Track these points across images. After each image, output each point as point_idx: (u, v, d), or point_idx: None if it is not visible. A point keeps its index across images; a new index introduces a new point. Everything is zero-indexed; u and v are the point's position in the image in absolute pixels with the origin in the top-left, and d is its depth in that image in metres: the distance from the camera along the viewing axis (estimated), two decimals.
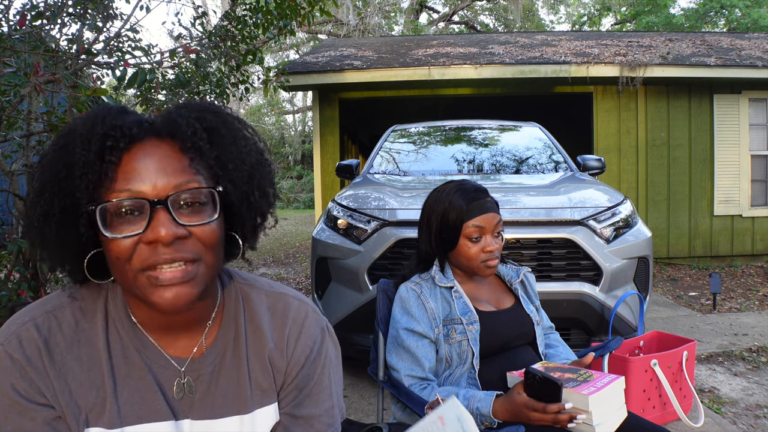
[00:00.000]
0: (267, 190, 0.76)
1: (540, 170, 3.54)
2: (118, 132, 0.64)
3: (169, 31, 9.67)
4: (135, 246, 0.64)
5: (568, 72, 6.25)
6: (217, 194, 0.69)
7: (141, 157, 0.65)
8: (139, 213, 0.64)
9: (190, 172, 0.67)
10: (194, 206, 0.67)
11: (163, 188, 0.65)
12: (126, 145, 0.65)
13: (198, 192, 0.67)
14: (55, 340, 0.69)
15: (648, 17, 17.39)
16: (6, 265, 2.32)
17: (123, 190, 0.64)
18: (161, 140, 0.68)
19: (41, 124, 2.32)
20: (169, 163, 0.66)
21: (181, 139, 0.68)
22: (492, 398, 1.20)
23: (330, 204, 2.89)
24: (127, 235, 0.64)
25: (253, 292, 0.83)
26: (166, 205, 0.64)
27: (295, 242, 9.75)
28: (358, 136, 11.71)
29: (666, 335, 2.52)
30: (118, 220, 0.64)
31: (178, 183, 0.66)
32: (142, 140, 0.67)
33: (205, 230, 0.67)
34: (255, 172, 0.73)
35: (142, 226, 0.64)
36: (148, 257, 0.64)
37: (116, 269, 0.66)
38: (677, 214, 6.62)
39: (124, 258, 0.64)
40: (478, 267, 1.39)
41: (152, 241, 0.64)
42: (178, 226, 0.65)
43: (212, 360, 0.77)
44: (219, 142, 0.71)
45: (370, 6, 15.39)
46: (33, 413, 0.66)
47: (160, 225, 0.64)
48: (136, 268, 0.64)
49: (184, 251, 0.65)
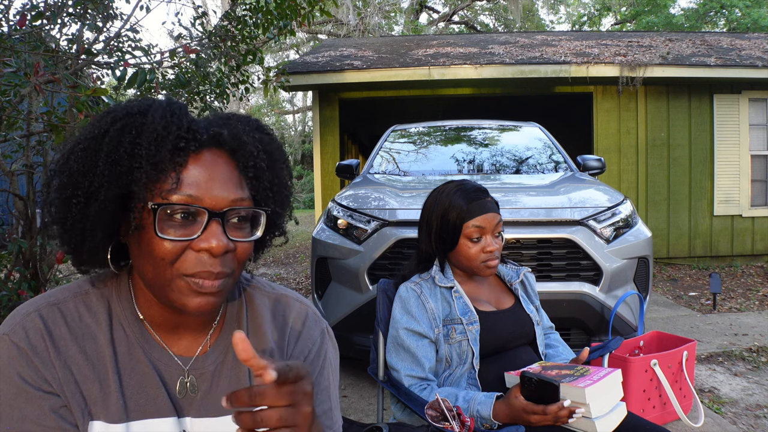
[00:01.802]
0: (290, 212, 0.80)
1: (540, 170, 3.55)
2: (191, 135, 0.66)
3: (169, 31, 9.68)
4: (182, 251, 0.65)
5: (568, 72, 6.25)
6: (265, 215, 0.71)
7: (204, 164, 0.67)
8: (192, 219, 0.66)
9: (243, 189, 0.70)
10: (240, 222, 0.70)
11: (221, 200, 0.66)
12: (195, 149, 0.66)
13: (250, 211, 0.70)
14: (59, 332, 0.69)
15: (648, 17, 17.39)
16: (6, 265, 2.32)
17: (184, 194, 0.64)
18: (222, 151, 0.69)
19: (41, 124, 2.32)
20: (229, 177, 0.68)
21: (242, 157, 0.70)
22: (492, 401, 1.20)
23: (330, 204, 2.89)
24: (181, 239, 0.65)
25: (255, 292, 0.84)
26: (222, 218, 0.66)
27: (295, 242, 9.75)
28: (358, 136, 11.72)
29: (666, 335, 2.52)
30: (169, 222, 0.65)
31: (235, 199, 0.68)
32: (208, 148, 0.68)
33: (245, 247, 0.70)
34: (290, 196, 0.78)
35: (195, 233, 0.65)
36: (195, 265, 0.65)
37: (153, 268, 0.66)
38: (677, 214, 6.62)
39: (169, 260, 0.65)
40: (478, 267, 1.39)
41: (203, 249, 0.65)
42: (228, 240, 0.66)
43: (214, 359, 0.78)
44: (274, 167, 0.74)
45: (370, 6, 15.39)
46: (40, 401, 0.66)
47: (212, 236, 0.65)
48: (178, 271, 0.66)
49: (226, 266, 0.67)
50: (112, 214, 0.65)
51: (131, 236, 0.68)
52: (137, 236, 0.66)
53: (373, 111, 9.22)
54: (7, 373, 0.66)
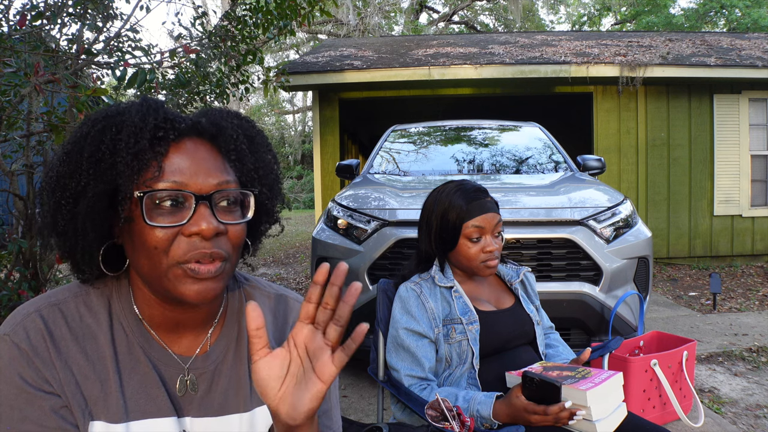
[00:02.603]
0: (281, 198, 0.81)
1: (540, 170, 3.55)
2: (169, 125, 0.67)
3: (169, 31, 9.68)
4: (174, 237, 0.66)
5: (568, 72, 6.25)
6: (252, 196, 0.72)
7: (186, 152, 0.68)
8: (180, 205, 0.66)
9: (228, 173, 0.71)
10: (229, 206, 0.70)
11: (206, 185, 0.67)
12: (175, 137, 0.67)
13: (237, 193, 0.71)
14: (60, 332, 0.70)
15: (648, 17, 17.39)
16: (6, 265, 2.32)
17: (169, 181, 0.65)
18: (202, 140, 0.71)
19: (41, 124, 2.32)
20: (212, 163, 0.69)
21: (223, 142, 0.72)
22: (492, 400, 1.20)
23: (330, 204, 2.89)
24: (170, 225, 0.65)
25: (255, 292, 0.85)
26: (209, 201, 0.67)
27: (295, 242, 9.75)
28: (358, 136, 11.72)
29: (666, 335, 2.52)
30: (158, 211, 0.65)
31: (220, 182, 0.69)
32: (188, 137, 0.70)
33: (237, 230, 0.71)
34: (278, 180, 0.79)
35: (184, 218, 0.66)
36: (188, 250, 0.66)
37: (148, 259, 0.67)
38: (677, 214, 6.62)
39: (162, 248, 0.65)
40: (477, 267, 1.39)
41: (193, 233, 0.66)
42: (218, 222, 0.67)
43: (215, 358, 0.78)
44: (256, 150, 0.76)
45: (370, 6, 15.39)
46: (41, 401, 0.66)
47: (202, 219, 0.66)
48: (173, 259, 0.66)
49: (220, 248, 0.68)
50: (101, 211, 0.66)
51: (123, 232, 0.68)
52: (129, 230, 0.67)
53: (373, 111, 9.22)
54: (7, 374, 0.66)
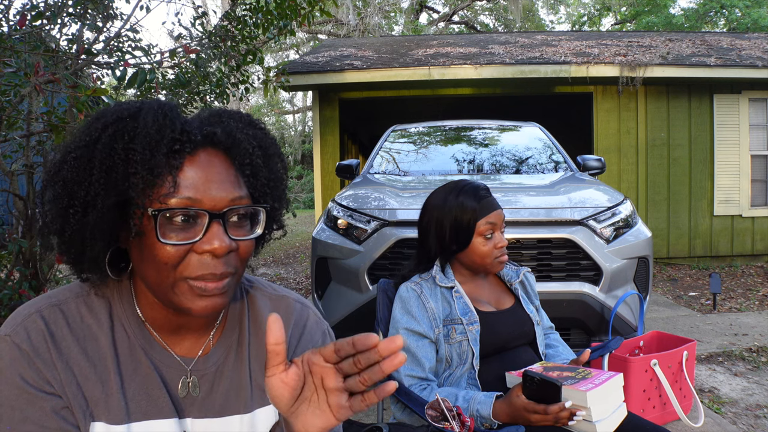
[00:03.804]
0: (287, 205, 0.80)
1: (540, 170, 3.54)
2: (185, 137, 0.65)
3: (169, 31, 9.68)
4: (185, 254, 0.65)
5: (568, 72, 6.25)
6: (264, 212, 0.71)
7: (200, 165, 0.66)
8: (193, 221, 0.65)
9: (241, 187, 0.69)
10: (240, 221, 0.69)
11: (220, 201, 0.66)
12: (190, 150, 0.65)
13: (249, 209, 0.69)
14: (61, 333, 0.69)
15: (648, 17, 17.39)
16: (6, 264, 2.32)
17: (183, 197, 0.64)
18: (216, 150, 0.68)
19: (41, 124, 2.32)
20: (226, 177, 0.67)
21: (238, 155, 0.69)
22: (492, 400, 1.20)
23: (330, 204, 2.89)
24: (183, 243, 0.64)
25: (257, 294, 0.84)
26: (222, 219, 0.66)
27: (295, 242, 9.75)
28: (358, 136, 11.72)
29: (666, 335, 2.52)
30: (170, 227, 0.64)
31: (233, 198, 0.67)
32: (202, 147, 0.67)
33: (247, 245, 0.70)
34: (286, 189, 0.78)
35: (197, 235, 0.65)
36: (198, 268, 0.65)
37: (156, 272, 0.66)
38: (677, 214, 6.62)
39: (172, 264, 0.64)
40: (491, 264, 1.41)
41: (206, 251, 0.65)
42: (230, 240, 0.66)
43: (216, 360, 0.78)
44: (269, 162, 0.73)
45: (370, 6, 15.39)
46: (42, 402, 0.66)
47: (215, 237, 0.65)
48: (181, 275, 0.65)
49: (230, 266, 0.67)
50: (110, 221, 0.64)
51: (132, 242, 0.67)
52: (138, 242, 0.66)
53: (373, 111, 9.22)
54: (8, 375, 0.66)
